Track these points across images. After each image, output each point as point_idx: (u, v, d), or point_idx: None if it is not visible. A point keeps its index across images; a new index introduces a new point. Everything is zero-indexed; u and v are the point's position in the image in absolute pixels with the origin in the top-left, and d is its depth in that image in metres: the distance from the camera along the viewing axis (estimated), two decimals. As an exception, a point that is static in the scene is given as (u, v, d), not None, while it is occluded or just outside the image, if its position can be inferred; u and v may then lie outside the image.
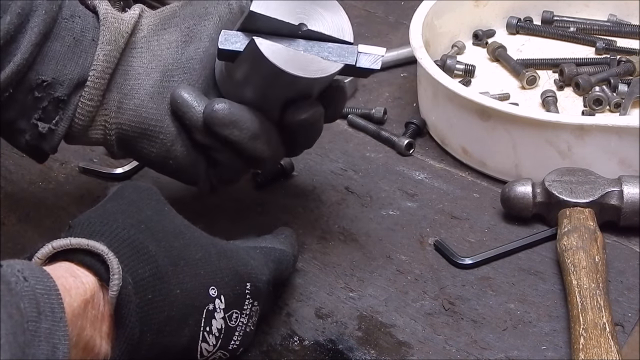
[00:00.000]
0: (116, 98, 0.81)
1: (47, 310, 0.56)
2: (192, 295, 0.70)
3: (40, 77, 0.78)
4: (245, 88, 0.80)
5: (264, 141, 0.81)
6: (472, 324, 0.82)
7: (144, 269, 0.66)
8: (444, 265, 0.89)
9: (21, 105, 0.79)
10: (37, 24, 0.77)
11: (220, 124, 0.79)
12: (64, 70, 0.79)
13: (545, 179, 0.92)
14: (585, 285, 0.81)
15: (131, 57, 0.82)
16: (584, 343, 0.75)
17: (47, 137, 0.81)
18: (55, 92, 0.79)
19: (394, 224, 0.95)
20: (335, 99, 0.84)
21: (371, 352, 0.80)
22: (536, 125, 0.95)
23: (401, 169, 1.04)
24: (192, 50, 0.82)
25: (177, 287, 0.68)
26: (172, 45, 0.82)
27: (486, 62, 1.20)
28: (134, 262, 0.66)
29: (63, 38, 0.79)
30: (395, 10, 1.38)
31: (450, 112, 1.03)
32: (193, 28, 0.82)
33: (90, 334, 0.63)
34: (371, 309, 0.85)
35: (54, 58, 0.79)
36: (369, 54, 0.78)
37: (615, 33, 1.22)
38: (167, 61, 0.82)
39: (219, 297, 0.71)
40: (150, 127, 0.81)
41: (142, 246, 0.67)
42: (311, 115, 0.81)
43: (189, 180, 0.86)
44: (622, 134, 0.93)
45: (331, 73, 0.77)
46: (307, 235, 0.94)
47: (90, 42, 0.80)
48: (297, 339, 0.82)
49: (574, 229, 0.87)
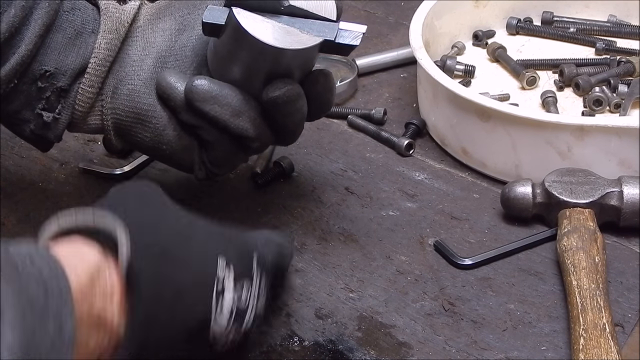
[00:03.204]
0: (112, 84, 0.84)
1: (54, 291, 0.56)
2: (201, 265, 0.69)
3: (43, 68, 0.82)
4: (230, 65, 0.81)
5: (247, 119, 0.82)
6: (472, 324, 0.82)
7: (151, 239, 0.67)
8: (444, 266, 0.89)
9: (25, 95, 0.83)
10: (40, 16, 0.80)
11: (200, 99, 0.80)
12: (66, 60, 0.82)
13: (545, 179, 0.92)
14: (585, 286, 0.81)
15: (127, 46, 0.84)
16: (584, 343, 0.75)
17: (51, 126, 0.84)
18: (58, 82, 0.82)
19: (394, 224, 0.95)
20: (320, 83, 0.84)
21: (371, 352, 0.80)
22: (536, 126, 0.95)
23: (401, 169, 1.04)
24: (185, 38, 0.84)
25: (185, 257, 0.68)
26: (165, 33, 0.84)
27: (486, 63, 1.20)
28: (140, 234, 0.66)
29: (64, 30, 0.82)
30: (395, 10, 1.38)
31: (450, 112, 1.03)
32: (187, 17, 0.85)
33: (101, 308, 0.63)
34: (371, 309, 0.85)
35: (56, 49, 0.82)
36: (349, 30, 0.79)
37: (615, 34, 1.22)
38: (161, 48, 0.84)
39: (228, 266, 0.70)
40: (143, 112, 0.83)
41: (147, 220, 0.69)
42: (284, 93, 0.80)
43: (184, 166, 0.88)
44: (622, 135, 0.93)
45: (308, 46, 0.77)
46: (307, 235, 0.94)
47: (90, 33, 0.83)
48: (297, 340, 0.82)
49: (574, 230, 0.87)
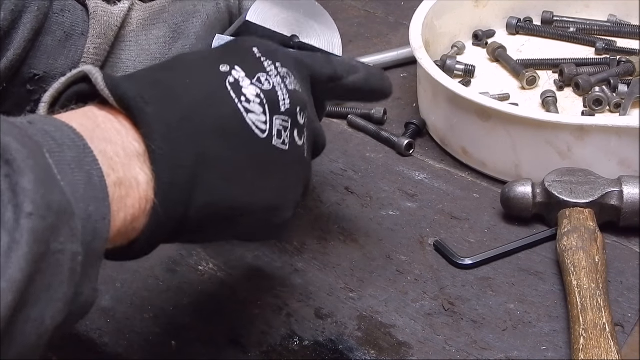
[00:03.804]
0: None
1: (66, 142, 0.51)
2: (204, 78, 0.62)
3: (33, 71, 0.81)
4: None
5: None
6: (472, 324, 0.82)
7: (139, 74, 0.62)
8: (444, 266, 0.89)
9: (15, 98, 0.82)
10: (30, 20, 0.79)
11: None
12: (55, 64, 0.82)
13: (545, 179, 0.92)
14: (585, 286, 0.81)
15: (120, 50, 0.84)
16: (583, 343, 0.75)
17: None
18: (47, 86, 0.81)
19: (394, 224, 0.95)
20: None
21: (371, 352, 0.80)
22: (536, 126, 0.95)
23: (401, 169, 1.04)
24: (179, 47, 0.84)
25: (184, 77, 0.61)
26: (160, 40, 0.84)
27: (486, 63, 1.20)
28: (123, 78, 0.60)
29: (54, 33, 0.82)
30: (395, 10, 1.38)
31: (450, 112, 1.03)
32: (181, 25, 0.85)
33: (114, 154, 0.55)
34: (371, 309, 0.85)
35: (45, 52, 0.81)
36: None
37: (615, 33, 1.22)
38: (155, 56, 0.84)
39: (233, 68, 0.63)
40: None
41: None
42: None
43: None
44: (622, 135, 0.93)
45: None
46: (307, 235, 0.94)
47: (80, 36, 0.83)
48: (297, 340, 0.82)
49: (574, 230, 0.87)
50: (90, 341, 0.83)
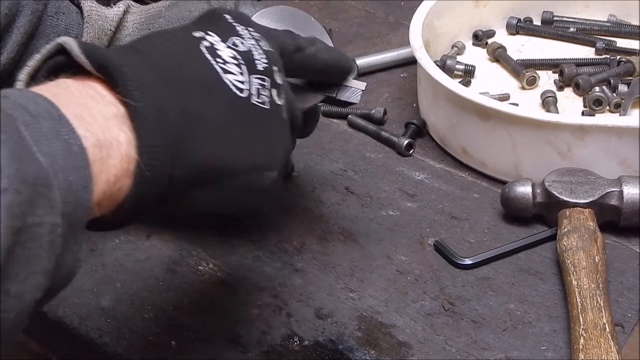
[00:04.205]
0: None
1: (41, 113, 0.50)
2: (179, 44, 0.62)
3: None
4: None
5: None
6: (472, 324, 0.82)
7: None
8: (444, 266, 0.89)
9: None
10: (23, 24, 0.79)
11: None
12: None
13: (545, 179, 0.92)
14: (585, 286, 0.81)
15: None
16: (583, 343, 0.75)
17: None
18: None
19: (394, 224, 0.95)
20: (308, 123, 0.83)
21: (371, 352, 0.80)
22: (536, 126, 0.95)
23: (401, 169, 1.04)
24: None
25: (160, 43, 0.61)
26: None
27: (486, 63, 1.20)
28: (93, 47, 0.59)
29: (48, 35, 0.81)
30: (395, 10, 1.38)
31: (450, 112, 1.03)
32: None
33: (90, 117, 0.54)
34: (371, 309, 0.85)
35: None
36: (350, 87, 0.81)
37: (615, 33, 1.22)
38: None
39: (207, 33, 0.64)
40: None
41: None
42: None
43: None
44: (622, 135, 0.93)
45: (312, 104, 0.80)
46: (307, 235, 0.94)
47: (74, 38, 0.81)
48: (297, 340, 0.82)
49: (574, 230, 0.87)
50: (90, 341, 0.83)
